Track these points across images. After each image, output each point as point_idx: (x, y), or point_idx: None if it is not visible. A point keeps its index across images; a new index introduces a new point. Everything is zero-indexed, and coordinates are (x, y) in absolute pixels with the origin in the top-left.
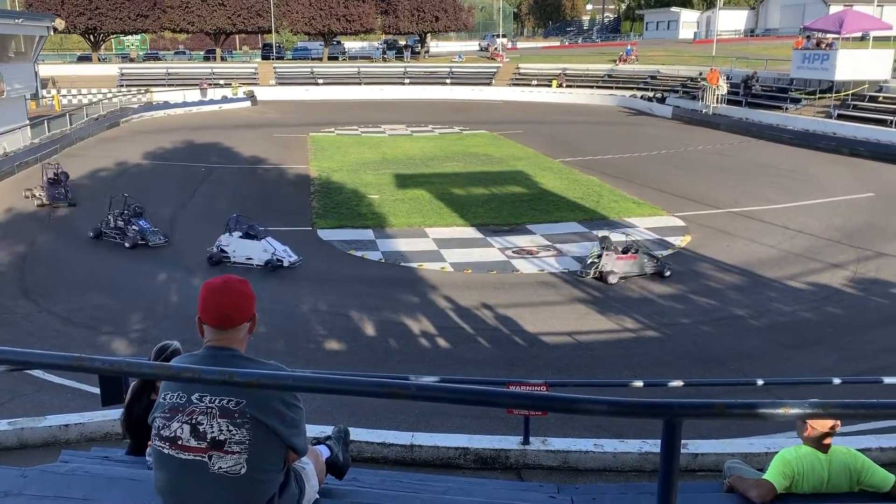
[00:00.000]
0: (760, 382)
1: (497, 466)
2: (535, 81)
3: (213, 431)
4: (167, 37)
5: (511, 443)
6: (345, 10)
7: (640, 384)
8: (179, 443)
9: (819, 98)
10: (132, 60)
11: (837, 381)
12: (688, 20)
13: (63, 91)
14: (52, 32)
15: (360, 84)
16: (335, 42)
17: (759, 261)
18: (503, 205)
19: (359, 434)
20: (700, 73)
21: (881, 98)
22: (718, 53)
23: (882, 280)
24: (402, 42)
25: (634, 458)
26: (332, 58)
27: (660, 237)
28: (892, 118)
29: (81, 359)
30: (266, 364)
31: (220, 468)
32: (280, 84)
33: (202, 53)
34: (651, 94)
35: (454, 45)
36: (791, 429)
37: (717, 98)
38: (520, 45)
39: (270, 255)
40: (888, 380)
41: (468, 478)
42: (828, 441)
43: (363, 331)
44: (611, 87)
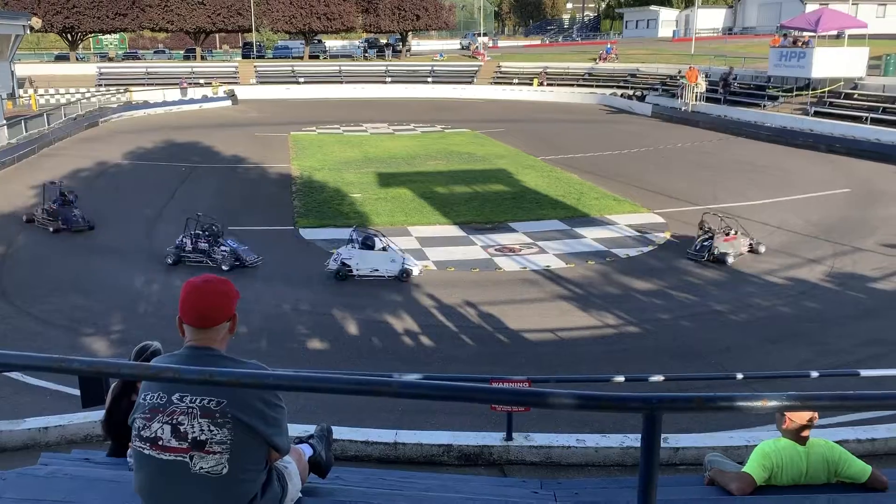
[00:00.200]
0: (740, 376)
1: (481, 463)
2: (517, 80)
3: (195, 431)
4: (146, 36)
5: (494, 439)
6: (325, 9)
7: (622, 379)
8: (160, 443)
9: (796, 95)
10: (111, 60)
11: (815, 374)
12: (667, 19)
13: (40, 91)
14: (29, 31)
15: (342, 83)
16: (316, 41)
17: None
18: (486, 203)
19: (342, 432)
20: (679, 72)
21: (856, 95)
22: (697, 52)
23: (858, 274)
24: (384, 41)
25: (616, 453)
26: (313, 56)
27: (640, 234)
28: (867, 115)
29: (61, 360)
30: (246, 363)
31: (202, 468)
32: (261, 83)
33: (182, 52)
34: (631, 93)
35: (435, 44)
36: (771, 422)
37: (696, 96)
38: (501, 44)
39: (400, 265)
40: (865, 372)
41: (452, 475)
42: (806, 433)
43: (346, 330)
44: (591, 86)
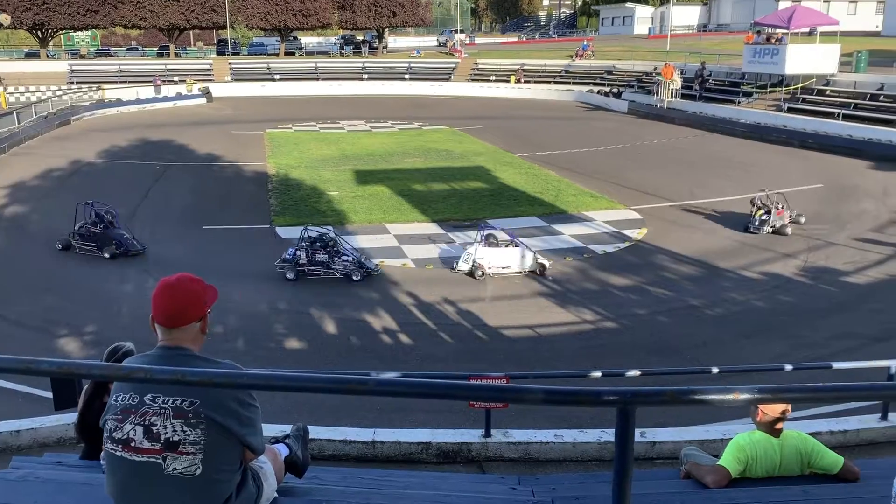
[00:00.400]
0: (715, 370)
1: (459, 460)
2: (494, 77)
3: (167, 432)
4: (119, 33)
5: (473, 436)
6: (301, 6)
7: (599, 374)
8: (132, 445)
9: (770, 92)
10: (83, 57)
11: (789, 368)
12: (643, 16)
13: (10, 88)
14: None
15: (318, 80)
16: (291, 37)
17: (714, 252)
18: (464, 200)
19: (319, 432)
20: (655, 68)
21: (829, 91)
22: (672, 48)
23: (831, 269)
24: (360, 37)
25: (594, 448)
26: (289, 53)
27: (617, 230)
28: (839, 111)
29: (30, 361)
30: (220, 363)
31: (175, 469)
32: (236, 80)
33: (155, 50)
34: (607, 90)
35: (412, 41)
36: (745, 415)
37: (672, 93)
38: (478, 41)
39: (533, 260)
40: (837, 365)
41: (430, 472)
42: (779, 426)
43: (324, 329)
44: (568, 83)
